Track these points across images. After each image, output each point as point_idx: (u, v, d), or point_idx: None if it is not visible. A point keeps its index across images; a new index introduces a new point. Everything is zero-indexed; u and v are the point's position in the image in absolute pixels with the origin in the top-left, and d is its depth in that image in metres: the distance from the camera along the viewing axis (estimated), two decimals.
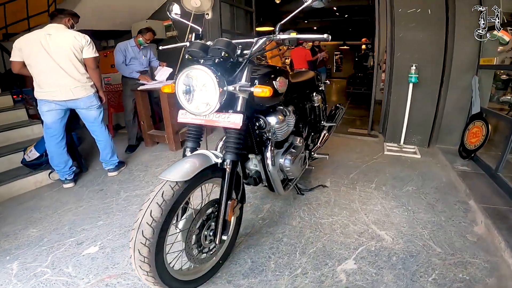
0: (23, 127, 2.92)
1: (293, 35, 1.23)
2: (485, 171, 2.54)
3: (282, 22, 1.25)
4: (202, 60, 1.23)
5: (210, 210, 1.34)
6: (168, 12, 1.48)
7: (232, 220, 1.61)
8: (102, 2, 4.04)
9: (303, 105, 2.18)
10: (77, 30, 2.38)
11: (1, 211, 2.25)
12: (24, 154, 2.66)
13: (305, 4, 1.19)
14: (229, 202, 1.28)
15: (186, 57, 1.26)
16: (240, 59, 1.26)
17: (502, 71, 3.09)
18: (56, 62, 2.23)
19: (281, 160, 1.73)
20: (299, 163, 1.86)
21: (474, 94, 2.86)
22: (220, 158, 1.26)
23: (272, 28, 7.13)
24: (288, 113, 1.70)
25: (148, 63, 3.58)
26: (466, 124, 2.95)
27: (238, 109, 1.25)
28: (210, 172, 1.25)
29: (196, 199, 1.47)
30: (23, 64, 2.25)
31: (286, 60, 6.63)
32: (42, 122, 2.50)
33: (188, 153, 1.35)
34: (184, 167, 1.13)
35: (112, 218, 2.09)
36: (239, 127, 1.22)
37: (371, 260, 1.61)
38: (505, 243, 1.64)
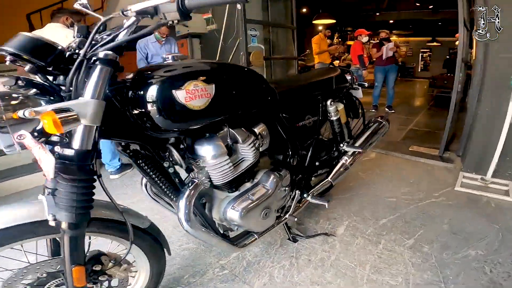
0: None
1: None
2: None
3: None
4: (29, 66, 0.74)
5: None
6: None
7: (145, 274, 1.12)
8: None
9: (299, 120, 1.49)
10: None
11: None
12: None
13: None
14: (73, 267, 0.81)
15: (7, 63, 0.80)
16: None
17: None
18: None
19: (226, 209, 1.11)
20: (260, 215, 1.17)
21: None
22: (51, 215, 0.79)
23: (333, 21, 6.07)
24: (241, 140, 1.07)
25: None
26: None
27: (76, 145, 0.72)
28: (39, 229, 0.83)
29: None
30: None
31: (349, 56, 5.59)
32: None
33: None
34: None
35: None
36: (50, 179, 0.72)
37: None
38: None
